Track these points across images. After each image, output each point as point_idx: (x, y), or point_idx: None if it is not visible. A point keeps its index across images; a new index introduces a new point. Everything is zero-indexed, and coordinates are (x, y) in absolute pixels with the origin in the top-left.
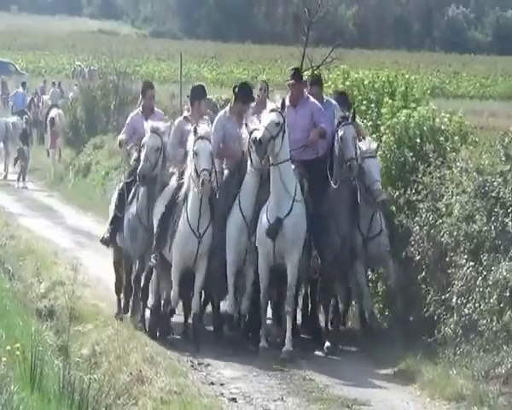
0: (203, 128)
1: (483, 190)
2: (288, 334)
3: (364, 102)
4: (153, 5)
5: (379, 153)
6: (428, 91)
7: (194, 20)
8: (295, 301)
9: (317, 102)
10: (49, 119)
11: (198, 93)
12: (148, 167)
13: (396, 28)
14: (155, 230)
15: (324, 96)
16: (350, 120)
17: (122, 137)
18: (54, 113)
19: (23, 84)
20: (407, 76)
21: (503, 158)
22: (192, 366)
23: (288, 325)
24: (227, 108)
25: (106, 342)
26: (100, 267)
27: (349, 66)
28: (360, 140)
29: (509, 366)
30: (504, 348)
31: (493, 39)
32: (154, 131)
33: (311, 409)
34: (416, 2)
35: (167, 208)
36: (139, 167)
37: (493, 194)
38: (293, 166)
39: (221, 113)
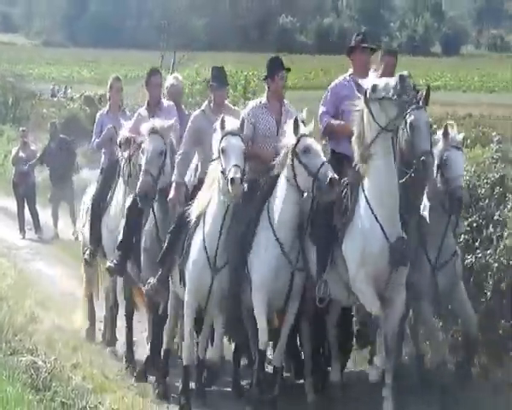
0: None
1: None
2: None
3: None
4: (43, 20)
5: None
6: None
7: (76, 31)
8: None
9: None
10: None
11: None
12: (148, 183)
13: (239, 34)
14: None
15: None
16: (422, 103)
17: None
18: None
19: None
20: (245, 73)
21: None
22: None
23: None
24: (263, 98)
25: (6, 290)
26: None
27: (200, 65)
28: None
29: None
30: None
31: (315, 42)
32: (155, 131)
33: None
34: (254, 13)
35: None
36: (138, 184)
37: None
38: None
39: (254, 102)
